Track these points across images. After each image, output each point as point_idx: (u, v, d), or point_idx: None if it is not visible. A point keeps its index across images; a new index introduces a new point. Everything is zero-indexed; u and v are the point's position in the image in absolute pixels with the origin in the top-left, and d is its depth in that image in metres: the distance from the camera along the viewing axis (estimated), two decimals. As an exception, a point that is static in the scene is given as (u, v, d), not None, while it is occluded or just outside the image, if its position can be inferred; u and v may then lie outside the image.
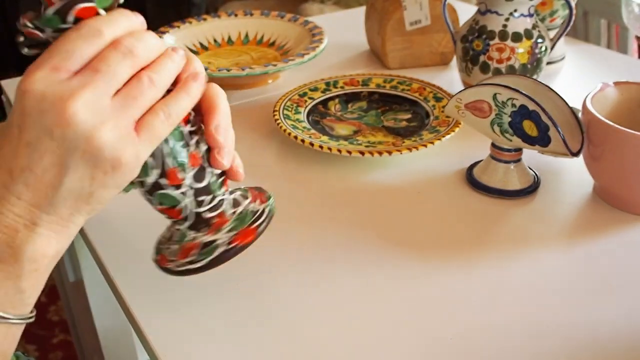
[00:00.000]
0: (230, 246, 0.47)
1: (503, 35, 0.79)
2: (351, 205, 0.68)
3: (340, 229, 0.64)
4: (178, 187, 0.45)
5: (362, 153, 0.71)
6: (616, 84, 0.68)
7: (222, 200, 0.48)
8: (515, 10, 0.78)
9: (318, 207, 0.67)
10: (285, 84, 0.93)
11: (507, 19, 0.79)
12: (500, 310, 0.54)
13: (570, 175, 0.71)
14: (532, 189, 0.68)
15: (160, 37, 0.43)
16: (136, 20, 0.41)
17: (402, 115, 0.83)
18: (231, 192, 0.50)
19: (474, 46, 0.81)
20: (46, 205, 0.39)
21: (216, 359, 0.50)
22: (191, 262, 0.47)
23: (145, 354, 0.53)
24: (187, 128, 0.45)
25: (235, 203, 0.49)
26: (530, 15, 0.80)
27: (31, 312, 0.42)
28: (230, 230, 0.47)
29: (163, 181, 0.44)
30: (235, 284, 0.57)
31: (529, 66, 0.80)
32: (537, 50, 0.80)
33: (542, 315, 0.53)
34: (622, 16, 0.89)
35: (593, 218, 0.65)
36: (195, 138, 0.45)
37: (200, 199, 0.46)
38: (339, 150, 0.72)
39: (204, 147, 0.46)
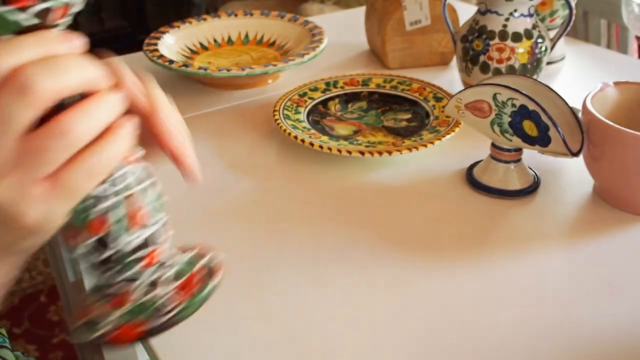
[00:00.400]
0: (106, 338, 0.39)
1: (503, 35, 0.79)
2: (351, 205, 0.68)
3: (340, 229, 0.64)
4: (75, 247, 0.39)
5: (362, 153, 0.71)
6: (616, 84, 0.68)
7: (129, 276, 0.40)
8: (515, 10, 0.78)
9: (318, 207, 0.67)
10: (285, 84, 0.93)
11: (507, 19, 0.79)
12: (500, 309, 0.54)
13: (570, 175, 0.71)
14: (532, 189, 0.68)
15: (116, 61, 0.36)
16: (57, 44, 0.33)
17: (402, 115, 0.83)
18: (168, 265, 0.41)
19: (474, 46, 0.81)
20: None
21: (216, 359, 0.50)
22: (74, 332, 0.40)
23: (145, 354, 0.53)
24: (97, 191, 0.37)
25: (152, 284, 0.40)
26: (530, 15, 0.80)
27: None
28: (121, 317, 0.39)
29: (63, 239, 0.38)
30: (235, 283, 0.57)
31: (529, 66, 0.80)
32: (537, 50, 0.80)
33: (542, 315, 0.53)
34: (622, 16, 0.89)
35: (593, 218, 0.65)
36: (108, 203, 0.38)
37: (98, 271, 0.40)
38: (339, 150, 0.72)
39: (119, 214, 0.38)
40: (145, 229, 0.39)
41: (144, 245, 0.40)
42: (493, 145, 0.68)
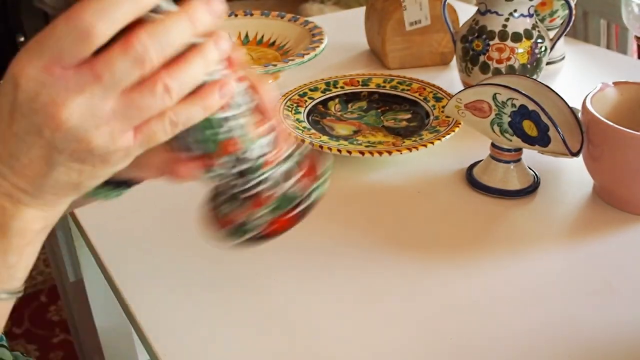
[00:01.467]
0: (259, 234, 0.45)
1: (503, 36, 0.79)
2: (351, 205, 0.68)
3: (340, 229, 0.64)
4: (209, 170, 0.43)
5: (362, 153, 0.71)
6: (616, 84, 0.68)
7: (260, 181, 0.44)
8: (515, 11, 0.78)
9: (318, 206, 0.67)
10: (285, 84, 0.93)
11: (507, 19, 0.79)
12: (500, 309, 0.54)
13: (570, 175, 0.71)
14: (532, 189, 0.68)
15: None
16: (201, 12, 0.35)
17: (402, 115, 0.83)
18: (284, 159, 0.45)
19: (474, 46, 0.81)
20: (32, 190, 0.38)
21: (216, 359, 0.50)
22: (222, 238, 0.46)
23: (145, 354, 0.53)
24: (222, 114, 0.41)
25: (277, 182, 0.44)
26: (530, 16, 0.80)
27: (20, 286, 0.41)
28: (262, 216, 0.44)
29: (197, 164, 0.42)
30: (235, 283, 0.57)
31: (528, 66, 0.80)
32: (536, 51, 0.80)
33: (542, 315, 0.53)
34: (621, 16, 0.89)
35: (593, 218, 0.65)
36: (233, 123, 0.41)
37: (233, 183, 0.44)
38: (339, 150, 0.72)
39: (239, 132, 0.42)
40: (269, 134, 0.44)
41: (269, 147, 0.44)
42: (493, 145, 0.68)
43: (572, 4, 0.78)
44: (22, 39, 2.33)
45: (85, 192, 0.40)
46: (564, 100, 0.66)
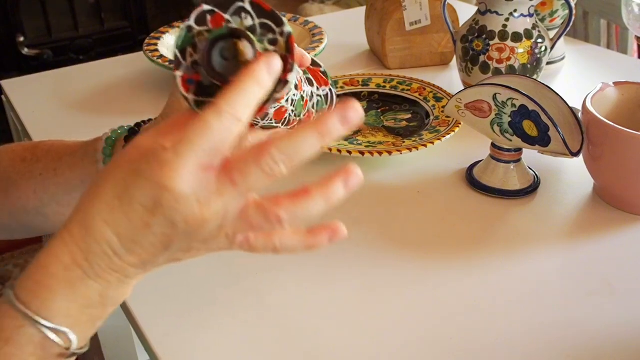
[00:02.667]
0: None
1: (503, 36, 0.79)
2: (351, 205, 0.67)
3: (340, 229, 0.64)
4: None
5: (362, 153, 0.71)
6: (616, 84, 0.68)
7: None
8: (515, 11, 0.78)
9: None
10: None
11: (507, 19, 0.79)
12: (500, 310, 0.54)
13: (570, 175, 0.71)
14: (532, 189, 0.68)
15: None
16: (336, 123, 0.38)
17: (402, 115, 0.83)
18: None
19: (474, 46, 0.81)
20: (141, 266, 0.40)
21: (216, 359, 0.50)
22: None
23: (145, 354, 0.53)
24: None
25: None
26: (530, 16, 0.80)
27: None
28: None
29: None
30: (235, 283, 0.57)
31: (529, 66, 0.80)
32: (537, 51, 0.80)
33: (542, 315, 0.53)
34: (622, 16, 0.89)
35: (593, 218, 0.65)
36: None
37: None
38: (339, 150, 0.72)
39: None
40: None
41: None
42: (493, 145, 0.68)
43: (573, 4, 0.78)
44: (22, 39, 2.33)
45: None
46: (564, 100, 0.66)
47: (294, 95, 0.46)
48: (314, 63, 0.51)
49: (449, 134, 0.74)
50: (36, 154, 0.55)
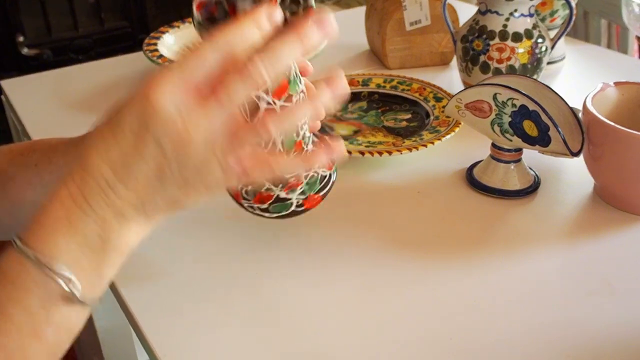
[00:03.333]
0: (300, 208, 0.53)
1: (503, 35, 0.79)
2: (351, 205, 0.67)
3: (339, 229, 0.64)
4: None
5: (362, 153, 0.71)
6: (616, 84, 0.68)
7: None
8: (516, 10, 0.78)
9: (318, 207, 0.67)
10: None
11: (507, 19, 0.79)
12: (500, 310, 0.54)
13: (570, 175, 0.71)
14: (532, 189, 0.68)
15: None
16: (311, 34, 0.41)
17: (402, 115, 0.83)
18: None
19: (474, 46, 0.81)
20: (139, 205, 0.41)
21: (216, 359, 0.50)
22: (265, 210, 0.53)
23: (145, 354, 0.53)
24: (302, 121, 0.49)
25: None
26: (531, 15, 0.79)
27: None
28: (301, 193, 0.53)
29: None
30: (235, 283, 0.57)
31: (529, 66, 0.80)
32: (537, 50, 0.80)
33: (542, 315, 0.53)
34: (622, 16, 0.89)
35: (593, 218, 0.65)
36: (305, 128, 0.50)
37: None
38: (339, 150, 0.71)
39: (307, 133, 0.51)
40: (311, 135, 0.52)
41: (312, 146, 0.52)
42: (493, 145, 0.68)
43: (573, 4, 0.78)
44: (21, 38, 2.33)
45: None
46: (564, 100, 0.66)
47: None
48: None
49: (449, 134, 0.74)
50: (34, 147, 0.55)
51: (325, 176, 0.54)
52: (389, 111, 0.84)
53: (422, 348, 0.50)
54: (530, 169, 0.69)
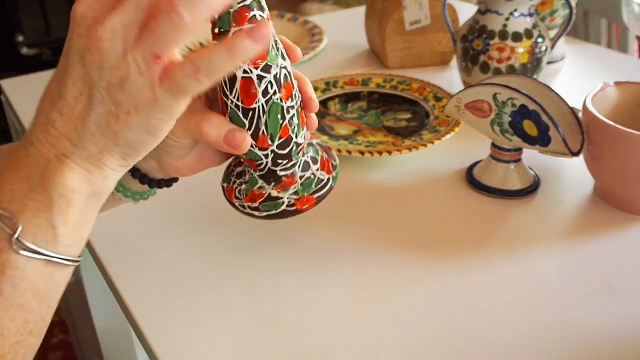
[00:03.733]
0: (291, 208, 0.52)
1: (503, 35, 0.79)
2: (351, 205, 0.67)
3: (340, 229, 0.63)
4: (264, 149, 0.49)
5: (362, 153, 0.71)
6: (617, 84, 0.68)
7: (295, 163, 0.52)
8: (516, 10, 0.78)
9: (317, 206, 0.67)
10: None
11: (507, 19, 0.79)
12: (500, 310, 0.53)
13: (570, 175, 0.71)
14: (532, 189, 0.68)
15: None
16: None
17: (402, 115, 0.83)
18: (307, 152, 0.53)
19: (474, 46, 0.81)
20: (75, 138, 0.39)
21: (216, 359, 0.50)
22: (255, 209, 0.52)
23: (145, 354, 0.53)
24: (287, 104, 0.48)
25: (306, 166, 0.53)
26: (531, 15, 0.79)
27: (79, 256, 0.42)
28: (294, 193, 0.52)
29: (252, 142, 0.48)
30: (235, 283, 0.57)
31: (529, 66, 0.80)
32: (537, 50, 0.80)
33: (542, 315, 0.53)
34: (622, 16, 0.89)
35: (593, 218, 0.64)
36: (292, 113, 0.49)
37: (279, 161, 0.51)
38: (339, 150, 0.72)
39: (296, 120, 0.49)
40: (304, 129, 0.51)
41: (305, 136, 0.51)
42: (493, 145, 0.68)
43: (573, 4, 0.78)
44: (21, 38, 2.33)
45: (115, 187, 0.43)
46: (564, 100, 0.66)
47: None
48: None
49: (449, 134, 0.74)
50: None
51: (323, 180, 0.53)
52: (389, 111, 0.84)
53: (422, 348, 0.50)
54: (530, 169, 0.69)
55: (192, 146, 0.50)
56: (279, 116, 0.48)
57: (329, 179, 0.54)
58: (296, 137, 0.50)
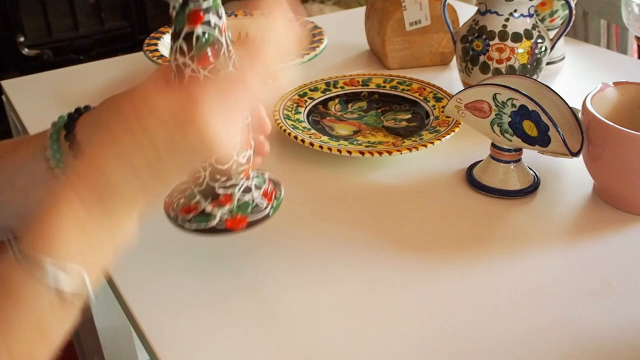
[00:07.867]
0: (221, 226, 0.53)
1: (503, 36, 0.79)
2: (351, 205, 0.68)
3: (340, 229, 0.64)
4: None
5: (362, 153, 0.71)
6: (616, 84, 0.68)
7: (236, 184, 0.53)
8: (515, 11, 0.78)
9: (318, 207, 0.67)
10: (285, 84, 0.93)
11: (507, 19, 0.79)
12: (500, 309, 0.54)
13: (570, 175, 0.71)
14: (532, 189, 0.68)
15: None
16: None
17: (402, 115, 0.83)
18: (251, 178, 0.54)
19: (474, 46, 0.81)
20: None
21: (216, 359, 0.50)
22: (186, 221, 0.53)
23: (145, 354, 0.53)
24: None
25: (246, 190, 0.53)
26: (530, 16, 0.80)
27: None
28: (228, 212, 0.53)
29: None
30: (235, 283, 0.57)
31: (528, 66, 0.80)
32: (537, 51, 0.80)
33: (542, 315, 0.53)
34: (621, 16, 0.89)
35: (593, 218, 0.65)
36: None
37: (217, 176, 0.52)
38: (339, 150, 0.72)
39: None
40: (249, 150, 0.52)
41: (248, 160, 0.52)
42: (493, 145, 0.68)
43: (573, 4, 0.78)
44: (22, 39, 2.33)
45: None
46: (564, 101, 0.66)
47: None
48: None
49: (449, 134, 0.74)
50: (4, 143, 0.56)
51: (261, 206, 0.54)
52: (389, 111, 0.84)
53: (422, 348, 0.50)
54: (530, 169, 0.69)
55: None
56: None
57: (267, 206, 0.54)
58: (237, 155, 0.50)
